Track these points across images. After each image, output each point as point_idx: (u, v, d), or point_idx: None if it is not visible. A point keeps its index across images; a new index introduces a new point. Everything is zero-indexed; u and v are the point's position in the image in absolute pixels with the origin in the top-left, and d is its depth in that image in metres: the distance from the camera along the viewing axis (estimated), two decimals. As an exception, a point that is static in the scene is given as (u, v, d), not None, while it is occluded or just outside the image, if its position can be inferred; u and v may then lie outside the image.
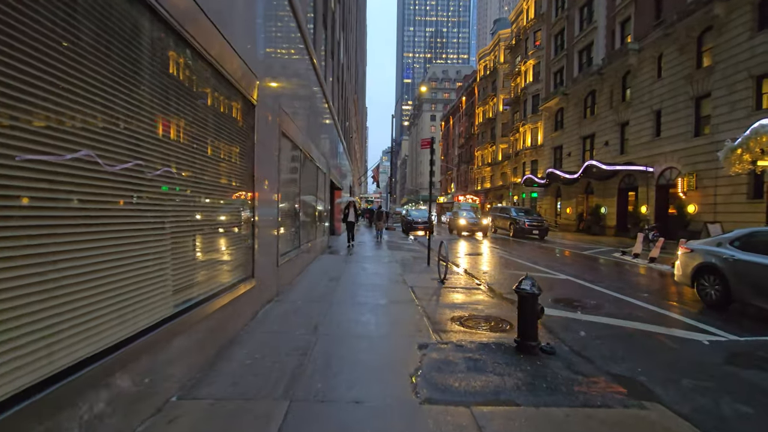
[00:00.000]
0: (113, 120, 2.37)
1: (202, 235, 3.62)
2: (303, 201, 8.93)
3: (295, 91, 7.66)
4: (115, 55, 2.36)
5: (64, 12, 1.98)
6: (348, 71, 25.67)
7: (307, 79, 9.08)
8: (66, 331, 2.01)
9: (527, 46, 39.49)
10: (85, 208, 2.18)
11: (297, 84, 7.98)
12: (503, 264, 11.86)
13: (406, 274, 8.93)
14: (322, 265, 9.95)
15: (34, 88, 1.83)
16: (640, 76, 23.49)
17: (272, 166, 5.94)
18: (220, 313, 3.85)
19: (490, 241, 20.47)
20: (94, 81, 2.19)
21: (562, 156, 33.17)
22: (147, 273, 2.72)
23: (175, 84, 3.08)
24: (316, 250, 11.34)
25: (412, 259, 11.65)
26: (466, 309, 5.97)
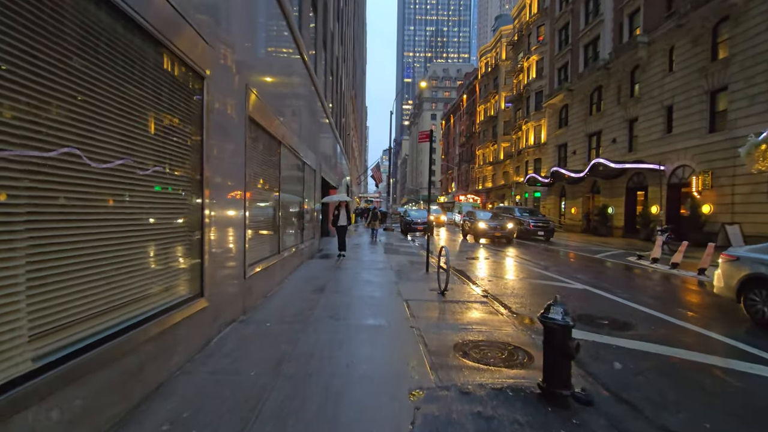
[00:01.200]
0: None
1: (101, 245, 2.57)
2: (284, 201, 7.88)
3: (270, 70, 6.60)
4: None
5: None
6: (344, 65, 24.61)
7: (289, 61, 8.02)
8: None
9: (530, 42, 38.40)
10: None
11: (274, 62, 6.92)
12: (509, 269, 10.80)
13: (401, 284, 7.87)
14: (308, 272, 8.90)
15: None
16: (650, 70, 22.41)
17: (236, 157, 4.89)
18: (137, 354, 2.80)
19: (491, 242, 19.41)
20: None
21: (566, 154, 32.09)
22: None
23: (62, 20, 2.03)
24: (304, 254, 10.29)
25: (409, 265, 10.59)
26: (471, 331, 4.91)
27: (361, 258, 11.82)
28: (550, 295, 7.46)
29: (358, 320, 5.26)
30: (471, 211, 23.60)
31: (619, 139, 25.13)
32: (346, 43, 25.88)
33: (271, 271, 6.64)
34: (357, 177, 51.43)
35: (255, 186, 5.84)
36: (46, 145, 2.13)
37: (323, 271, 9.19)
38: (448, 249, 7.00)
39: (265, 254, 6.50)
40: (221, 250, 4.37)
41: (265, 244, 6.62)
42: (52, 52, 2.14)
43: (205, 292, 3.92)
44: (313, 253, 11.84)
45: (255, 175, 5.89)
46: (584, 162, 28.73)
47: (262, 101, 5.75)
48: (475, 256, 14.03)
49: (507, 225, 19.10)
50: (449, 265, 6.89)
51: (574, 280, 9.03)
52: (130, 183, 2.85)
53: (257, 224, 6.09)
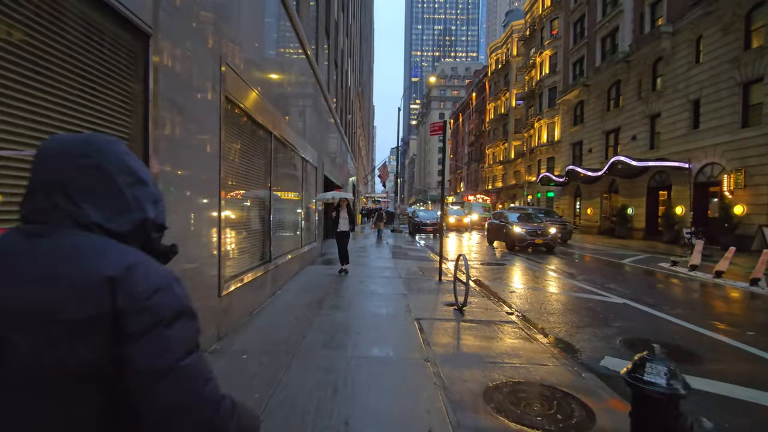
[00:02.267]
0: None
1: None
2: (278, 201, 6.88)
3: (255, 46, 5.60)
4: None
5: None
6: (350, 60, 23.62)
7: (282, 40, 7.02)
8: None
9: (543, 36, 37.08)
10: None
11: (263, 38, 5.92)
12: (530, 277, 9.69)
13: (411, 296, 6.82)
14: (306, 281, 7.89)
15: None
16: (674, 62, 21.07)
17: (207, 146, 3.89)
18: None
19: (523, 250, 18.23)
20: None
21: (581, 152, 30.76)
22: None
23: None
24: (304, 260, 9.30)
25: (419, 272, 9.54)
26: (502, 367, 3.85)
27: (367, 263, 10.80)
28: (589, 311, 6.40)
29: (359, 349, 4.22)
30: (501, 212, 18.79)
31: (639, 136, 23.80)
32: (351, 36, 24.89)
33: (260, 282, 5.64)
34: (364, 177, 50.47)
35: (235, 183, 4.83)
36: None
37: (323, 279, 8.17)
38: (466, 257, 5.93)
39: (251, 264, 5.50)
40: (182, 262, 3.37)
41: (252, 251, 5.63)
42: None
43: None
44: (314, 258, 10.84)
45: (236, 171, 4.89)
46: (601, 160, 27.42)
47: (243, 81, 4.75)
48: (487, 260, 12.93)
49: (549, 229, 15.16)
50: (469, 276, 5.80)
51: (608, 291, 7.90)
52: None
53: (239, 229, 5.09)
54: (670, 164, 20.27)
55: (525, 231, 15.07)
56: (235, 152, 4.83)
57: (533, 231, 15.12)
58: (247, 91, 4.88)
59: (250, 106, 5.05)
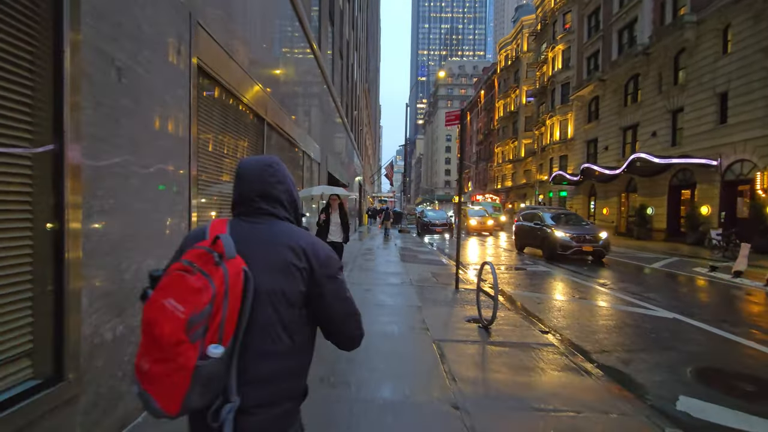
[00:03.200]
0: None
1: None
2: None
3: (240, 11, 4.70)
4: None
5: None
6: (356, 53, 22.75)
7: (275, 5, 6.13)
8: None
9: (555, 31, 35.92)
10: None
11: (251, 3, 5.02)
12: (557, 285, 8.72)
13: (426, 309, 5.90)
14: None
15: None
16: (699, 54, 19.89)
17: (169, 125, 3.01)
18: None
19: (534, 251, 17.22)
20: None
21: (596, 150, 29.60)
22: None
23: None
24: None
25: (432, 278, 8.62)
26: (552, 415, 2.92)
27: (374, 268, 9.89)
28: (637, 330, 5.33)
29: (367, 389, 3.31)
30: (533, 212, 15.29)
31: (660, 132, 22.62)
32: (358, 30, 24.03)
33: None
34: (370, 176, 49.66)
35: (213, 179, 3.94)
36: None
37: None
38: (493, 266, 4.98)
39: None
40: (113, 288, 2.49)
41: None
42: None
43: (69, 371, 2.03)
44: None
45: (215, 163, 4.01)
46: (618, 158, 26.27)
47: (225, 51, 3.86)
48: (507, 264, 11.97)
49: (600, 234, 12.30)
50: (497, 290, 4.85)
51: (650, 302, 6.91)
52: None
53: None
54: (695, 161, 19.09)
55: (570, 236, 12.08)
56: (214, 140, 3.95)
57: (580, 236, 12.10)
58: (229, 63, 3.99)
59: (235, 84, 4.17)
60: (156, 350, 0.94)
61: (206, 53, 3.48)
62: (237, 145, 4.58)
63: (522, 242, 15.31)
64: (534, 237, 13.86)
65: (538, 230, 13.49)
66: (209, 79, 3.66)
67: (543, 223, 13.52)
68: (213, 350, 0.95)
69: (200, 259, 1.01)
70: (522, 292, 7.80)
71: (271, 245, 1.12)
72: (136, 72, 2.60)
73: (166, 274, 1.02)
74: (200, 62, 3.39)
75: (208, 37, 3.50)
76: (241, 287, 1.01)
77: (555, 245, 12.21)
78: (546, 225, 13.23)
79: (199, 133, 3.49)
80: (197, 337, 0.94)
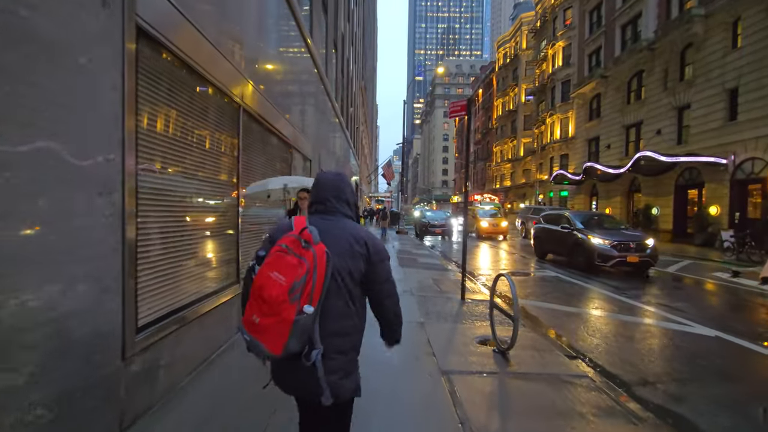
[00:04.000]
0: None
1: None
2: (250, 204, 5.19)
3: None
4: None
5: None
6: (352, 48, 21.93)
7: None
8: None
9: (555, 27, 35.22)
10: None
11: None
12: (575, 296, 7.93)
13: (430, 326, 5.10)
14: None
15: None
16: (707, 49, 19.21)
17: (89, 95, 2.19)
18: None
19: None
20: None
21: (598, 149, 28.91)
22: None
23: None
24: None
25: (434, 286, 7.82)
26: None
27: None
28: (679, 352, 4.42)
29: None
30: (559, 213, 13.01)
31: (665, 130, 21.94)
32: (354, 24, 23.22)
33: (215, 320, 3.93)
34: (367, 176, 48.84)
35: (157, 166, 3.11)
36: None
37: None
38: (512, 280, 4.18)
39: (202, 289, 3.79)
40: (17, 300, 1.67)
41: (206, 270, 3.92)
42: None
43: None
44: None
45: (172, 151, 3.19)
46: (620, 157, 25.61)
47: (176, 9, 3.04)
48: (505, 263, 11.19)
49: (646, 241, 9.98)
50: (518, 309, 4.04)
51: (680, 314, 6.15)
52: None
53: (181, 237, 3.39)
54: (704, 160, 18.40)
55: (611, 243, 9.75)
56: (167, 126, 3.13)
57: (623, 243, 9.73)
58: (185, 27, 3.17)
59: (199, 57, 3.35)
60: (266, 308, 1.37)
61: (149, 9, 2.65)
62: (203, 137, 3.76)
63: (544, 248, 13.08)
64: (560, 243, 11.69)
65: (567, 235, 11.18)
66: (153, 43, 2.84)
67: (572, 226, 11.11)
68: (307, 308, 1.39)
69: (293, 244, 1.46)
70: (536, 302, 7.01)
71: (342, 236, 1.59)
72: (33, 21, 1.78)
73: (269, 255, 1.47)
74: (140, 20, 2.57)
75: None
76: (324, 264, 1.45)
77: (591, 254, 9.92)
78: (577, 229, 10.86)
79: (140, 114, 2.67)
80: (295, 299, 1.37)
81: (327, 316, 1.49)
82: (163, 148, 3.05)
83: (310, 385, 1.48)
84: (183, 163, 3.39)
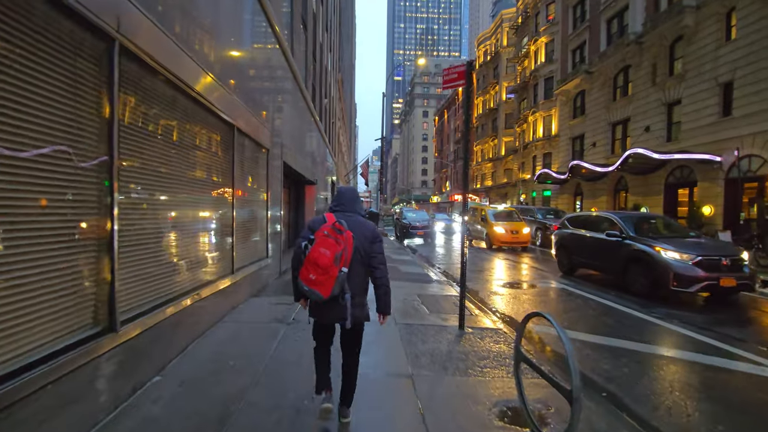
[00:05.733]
0: None
1: None
2: (183, 200, 3.44)
3: None
4: None
5: None
6: (327, 34, 20.14)
7: None
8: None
9: (538, 23, 34.37)
10: None
11: None
12: (644, 332, 6.46)
13: (422, 382, 3.47)
14: (224, 342, 4.41)
15: None
16: (699, 41, 18.39)
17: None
18: None
19: (513, 254, 15.05)
20: None
21: (583, 147, 28.08)
22: None
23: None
24: (239, 292, 5.84)
25: (423, 307, 6.20)
26: None
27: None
28: None
29: None
30: (600, 215, 9.79)
31: (654, 127, 21.10)
32: (328, 9, 21.42)
33: (113, 367, 2.16)
34: (345, 175, 47.01)
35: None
36: None
37: (261, 334, 4.71)
38: (560, 328, 2.55)
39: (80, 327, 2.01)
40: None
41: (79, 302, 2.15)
42: None
43: None
44: (264, 283, 7.37)
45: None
46: (606, 155, 24.77)
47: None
48: (511, 278, 9.69)
49: (741, 255, 7.53)
50: (578, 378, 2.40)
51: (737, 344, 4.75)
52: None
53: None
54: (697, 157, 17.53)
55: (693, 260, 7.06)
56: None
57: (710, 260, 7.10)
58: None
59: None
60: (320, 270, 2.34)
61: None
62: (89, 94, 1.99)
63: (572, 260, 10.10)
64: (603, 256, 8.83)
65: (615, 246, 8.36)
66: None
67: (624, 234, 8.27)
68: (344, 269, 2.40)
69: (332, 231, 2.44)
70: (585, 337, 5.48)
71: (359, 227, 2.60)
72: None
73: (317, 238, 2.45)
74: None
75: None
76: (352, 244, 2.46)
77: (664, 276, 7.15)
78: (631, 238, 8.08)
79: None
80: (336, 264, 2.36)
81: (352, 275, 2.54)
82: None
83: (340, 316, 2.53)
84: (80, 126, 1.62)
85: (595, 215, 10.28)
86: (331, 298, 2.39)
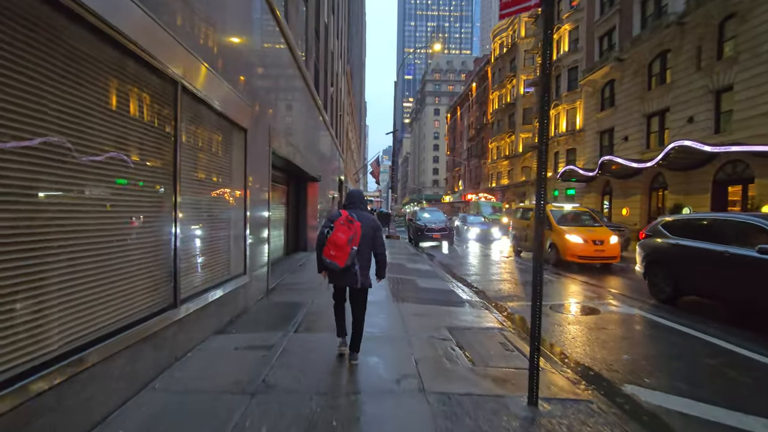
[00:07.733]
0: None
1: None
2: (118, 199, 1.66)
3: None
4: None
5: None
6: (334, 16, 18.32)
7: None
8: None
9: (560, 10, 32.08)
10: None
11: None
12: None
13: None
14: (168, 414, 2.61)
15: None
16: (755, 18, 16.09)
17: None
18: None
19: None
20: None
21: (612, 141, 25.79)
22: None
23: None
24: (190, 332, 4.03)
25: (458, 350, 4.32)
26: None
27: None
28: None
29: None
30: (719, 219, 6.77)
31: (698, 117, 18.80)
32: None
33: None
34: (354, 173, 45.22)
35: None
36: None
37: (203, 416, 2.90)
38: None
39: None
40: None
41: None
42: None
43: None
44: (242, 308, 5.54)
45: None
46: (641, 150, 22.50)
47: None
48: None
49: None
50: None
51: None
52: None
53: None
54: (758, 149, 15.20)
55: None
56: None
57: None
58: None
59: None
60: (338, 248, 3.57)
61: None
62: None
63: (678, 282, 7.17)
64: (748, 284, 5.74)
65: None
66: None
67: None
68: (354, 247, 3.62)
69: (345, 221, 3.64)
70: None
71: (365, 220, 3.77)
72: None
73: (335, 226, 3.64)
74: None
75: None
76: (360, 231, 3.65)
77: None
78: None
79: None
80: (350, 244, 3.58)
81: (360, 253, 3.68)
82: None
83: (353, 280, 3.73)
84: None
85: (727, 220, 6.72)
86: (345, 267, 3.60)
